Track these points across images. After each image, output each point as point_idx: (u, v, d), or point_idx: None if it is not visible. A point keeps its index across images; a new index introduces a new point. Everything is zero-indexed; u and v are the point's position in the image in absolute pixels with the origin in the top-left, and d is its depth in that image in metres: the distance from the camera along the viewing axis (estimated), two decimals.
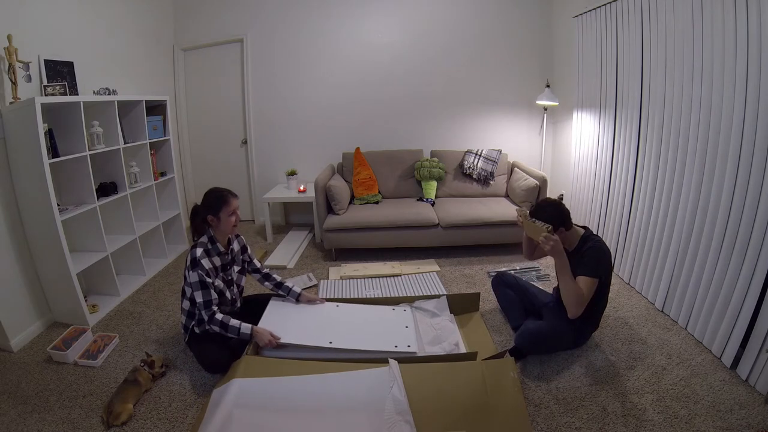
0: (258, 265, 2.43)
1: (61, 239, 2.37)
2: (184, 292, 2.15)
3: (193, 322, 2.13)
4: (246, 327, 2.03)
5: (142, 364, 2.01)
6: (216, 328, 2.02)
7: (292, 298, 2.39)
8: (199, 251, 2.03)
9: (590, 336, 2.27)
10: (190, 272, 2.01)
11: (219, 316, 2.02)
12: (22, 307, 2.44)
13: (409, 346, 2.05)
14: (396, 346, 2.04)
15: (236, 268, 2.29)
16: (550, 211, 2.05)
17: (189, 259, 2.04)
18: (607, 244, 3.13)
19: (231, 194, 2.11)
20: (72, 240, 2.60)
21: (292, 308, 2.36)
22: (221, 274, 2.16)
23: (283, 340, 2.04)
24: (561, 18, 3.92)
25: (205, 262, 2.04)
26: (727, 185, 2.05)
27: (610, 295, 2.76)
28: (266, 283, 2.41)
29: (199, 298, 2.01)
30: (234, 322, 2.03)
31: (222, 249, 2.16)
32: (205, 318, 2.01)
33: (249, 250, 2.38)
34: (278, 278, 2.42)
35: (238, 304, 2.33)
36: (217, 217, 2.06)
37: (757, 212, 1.88)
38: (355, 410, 1.71)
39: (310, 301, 2.39)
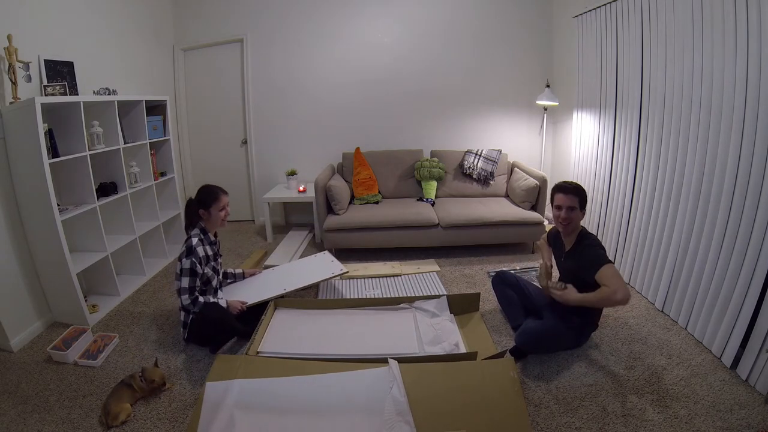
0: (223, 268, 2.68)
1: (61, 239, 2.37)
2: (180, 291, 2.21)
3: (191, 316, 2.21)
4: (222, 302, 2.26)
5: (141, 375, 1.93)
6: (196, 309, 2.18)
7: (239, 279, 2.70)
8: (195, 240, 2.22)
9: (590, 336, 2.27)
10: (184, 259, 2.17)
11: (201, 299, 2.19)
12: (22, 307, 2.44)
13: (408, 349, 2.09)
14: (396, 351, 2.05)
15: (220, 260, 2.49)
16: (581, 190, 2.13)
17: (185, 247, 2.20)
18: (607, 244, 3.19)
19: (221, 191, 2.36)
20: (72, 240, 2.59)
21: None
22: (211, 263, 2.35)
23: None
24: (561, 18, 3.92)
25: (200, 250, 2.23)
26: (727, 185, 2.05)
27: None
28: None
29: (185, 283, 2.15)
30: (211, 298, 2.26)
31: (213, 239, 2.40)
32: (185, 303, 2.16)
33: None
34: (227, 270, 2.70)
35: (221, 293, 2.47)
36: (208, 211, 2.31)
37: (757, 212, 1.88)
38: (355, 411, 1.71)
39: (252, 275, 2.72)
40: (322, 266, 2.83)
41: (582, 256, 2.07)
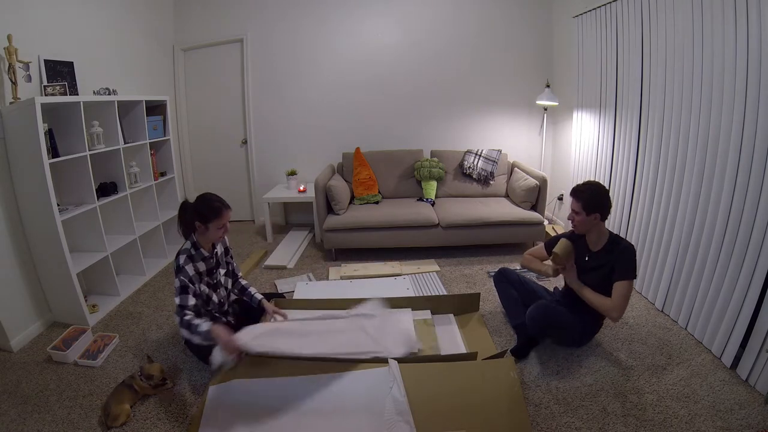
0: (239, 273, 2.38)
1: (61, 239, 2.37)
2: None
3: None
4: (206, 325, 1.87)
5: (140, 375, 1.92)
6: (184, 332, 1.92)
7: (254, 305, 2.31)
8: (182, 258, 2.01)
9: (593, 337, 2.26)
10: (175, 278, 1.99)
11: (188, 317, 1.92)
12: (22, 307, 2.45)
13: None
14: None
15: (222, 271, 2.23)
16: (584, 190, 2.06)
17: (174, 265, 2.02)
18: None
19: (225, 206, 2.05)
20: (72, 240, 2.59)
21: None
22: (206, 279, 2.12)
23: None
24: (561, 18, 3.92)
25: (189, 269, 2.01)
26: (727, 185, 2.05)
27: None
28: (234, 289, 2.35)
29: (177, 302, 1.96)
30: (196, 320, 1.90)
31: (206, 254, 2.11)
32: (177, 320, 1.94)
33: (231, 252, 2.33)
34: (243, 282, 2.36)
35: (227, 308, 2.27)
36: (206, 226, 2.02)
37: (757, 212, 1.88)
38: (355, 411, 1.71)
39: (276, 315, 2.24)
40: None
41: (620, 258, 2.03)
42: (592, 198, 2.04)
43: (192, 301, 1.98)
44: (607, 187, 3.14)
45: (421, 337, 2.18)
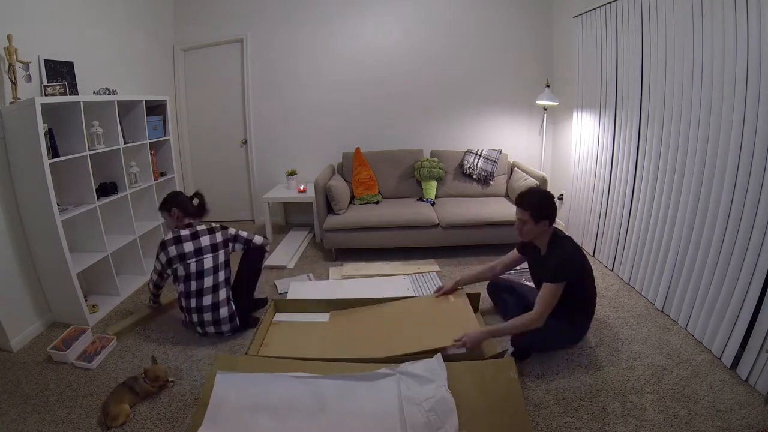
0: (244, 234, 2.54)
1: (61, 239, 2.37)
2: (220, 283, 2.33)
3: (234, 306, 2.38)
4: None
5: (144, 376, 1.93)
6: (151, 286, 2.53)
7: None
8: (168, 236, 2.35)
9: (588, 327, 2.24)
10: (239, 232, 2.51)
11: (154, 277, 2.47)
12: (22, 307, 2.45)
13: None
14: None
15: (222, 251, 2.38)
16: (530, 199, 2.04)
17: (229, 232, 2.47)
18: (607, 244, 3.19)
19: (175, 202, 2.39)
20: (72, 240, 2.59)
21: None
22: (193, 259, 2.30)
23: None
24: (561, 18, 3.92)
25: (172, 250, 2.29)
26: (727, 185, 2.04)
27: (609, 295, 2.79)
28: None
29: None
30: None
31: (189, 232, 2.35)
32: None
33: (232, 232, 2.50)
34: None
35: (224, 291, 2.36)
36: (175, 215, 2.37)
37: (757, 212, 1.88)
38: (365, 418, 1.70)
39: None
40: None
41: (553, 259, 2.03)
42: (540, 206, 2.02)
43: (157, 276, 2.50)
44: (608, 187, 3.18)
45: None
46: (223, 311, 2.30)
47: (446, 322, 2.24)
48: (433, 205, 3.75)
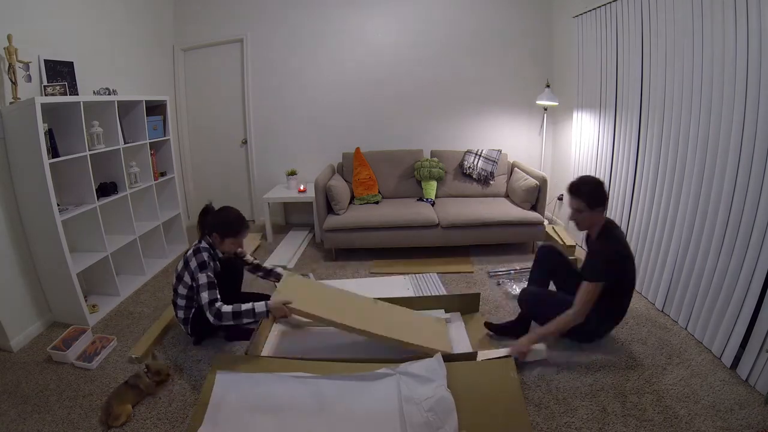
0: (250, 259, 2.56)
1: (61, 239, 2.37)
2: (176, 291, 2.26)
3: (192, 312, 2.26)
4: (260, 305, 2.03)
5: (146, 371, 1.95)
6: (229, 322, 2.04)
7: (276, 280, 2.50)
8: (204, 255, 2.14)
9: (606, 333, 2.25)
10: (200, 274, 2.09)
11: (226, 308, 2.03)
12: (22, 307, 2.44)
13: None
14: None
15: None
16: (584, 188, 2.08)
17: (196, 262, 2.12)
18: None
19: (244, 228, 2.24)
20: (72, 240, 2.59)
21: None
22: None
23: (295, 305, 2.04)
24: (561, 18, 3.92)
25: (211, 265, 2.16)
26: (727, 185, 2.05)
27: None
28: (258, 272, 2.58)
29: (205, 298, 2.05)
30: (245, 306, 2.03)
31: (220, 255, 2.31)
32: (212, 317, 2.03)
33: (246, 258, 2.54)
34: (265, 266, 2.59)
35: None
36: (222, 240, 2.22)
37: (757, 212, 1.88)
38: (365, 420, 1.70)
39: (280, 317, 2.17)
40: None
41: (595, 254, 2.06)
42: (595, 193, 2.05)
43: (218, 294, 2.10)
44: (607, 187, 3.16)
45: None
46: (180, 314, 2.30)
47: (420, 330, 2.21)
48: (433, 205, 3.75)
